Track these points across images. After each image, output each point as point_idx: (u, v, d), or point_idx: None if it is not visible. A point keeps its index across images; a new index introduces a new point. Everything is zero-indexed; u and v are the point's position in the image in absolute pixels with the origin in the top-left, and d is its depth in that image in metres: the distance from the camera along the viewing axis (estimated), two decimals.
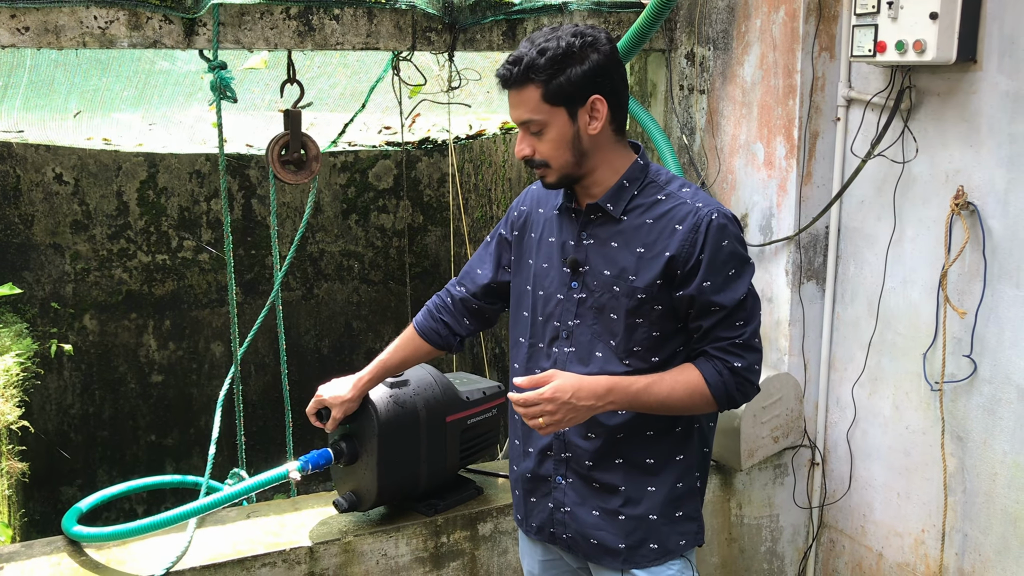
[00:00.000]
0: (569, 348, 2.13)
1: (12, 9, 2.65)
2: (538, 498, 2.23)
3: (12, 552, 2.58)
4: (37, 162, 5.82)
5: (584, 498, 2.16)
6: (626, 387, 2.02)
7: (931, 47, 2.57)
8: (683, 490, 2.17)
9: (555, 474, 2.18)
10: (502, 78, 2.02)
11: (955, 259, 2.70)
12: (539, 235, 2.24)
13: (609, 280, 2.07)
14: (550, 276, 2.17)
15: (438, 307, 2.46)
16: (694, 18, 3.43)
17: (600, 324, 2.09)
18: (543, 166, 2.06)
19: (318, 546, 2.65)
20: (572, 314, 2.12)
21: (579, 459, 2.14)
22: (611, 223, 2.10)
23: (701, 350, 2.08)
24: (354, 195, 6.63)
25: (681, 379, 2.05)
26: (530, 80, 1.98)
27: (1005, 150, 2.57)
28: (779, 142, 3.14)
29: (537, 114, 2.00)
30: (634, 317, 2.06)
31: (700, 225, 2.02)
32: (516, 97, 2.02)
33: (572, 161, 2.05)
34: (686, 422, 2.16)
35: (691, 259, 2.02)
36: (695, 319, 2.06)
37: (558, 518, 2.19)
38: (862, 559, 3.19)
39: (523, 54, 1.99)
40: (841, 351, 3.20)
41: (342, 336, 6.81)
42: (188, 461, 6.46)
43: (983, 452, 2.71)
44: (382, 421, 2.57)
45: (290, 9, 2.94)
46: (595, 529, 2.15)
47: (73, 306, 6.06)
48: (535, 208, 2.28)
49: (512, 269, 2.32)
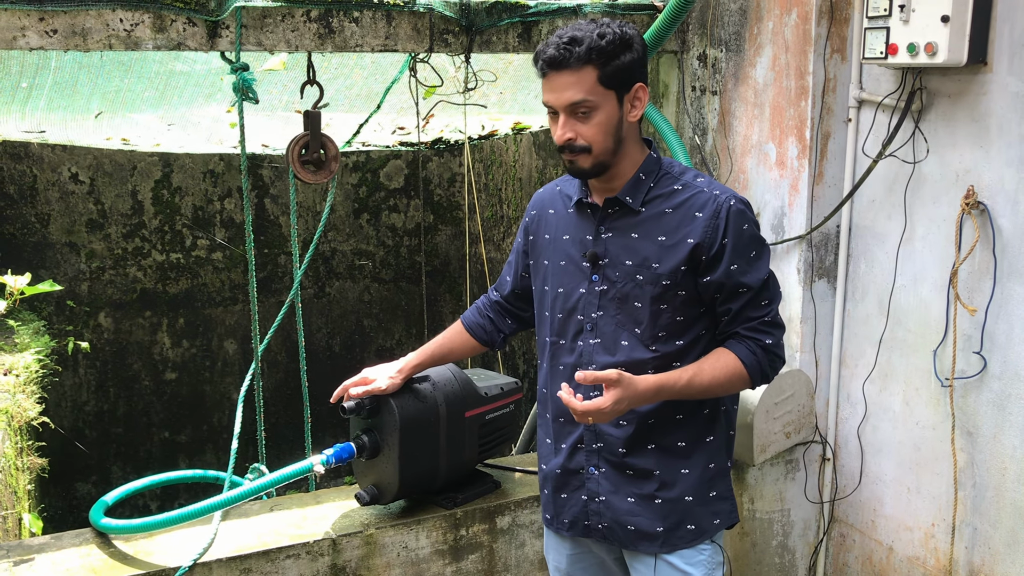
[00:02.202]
0: (594, 340, 2.18)
1: (41, 12, 2.71)
2: (569, 492, 2.28)
3: (43, 544, 2.64)
4: (53, 162, 5.88)
5: (618, 486, 2.21)
6: (672, 384, 2.08)
7: (942, 49, 2.62)
8: (715, 471, 2.24)
9: (587, 465, 2.23)
10: (554, 59, 2.03)
11: (965, 257, 2.75)
12: (552, 235, 2.29)
13: (632, 269, 2.13)
14: (569, 272, 2.23)
15: (485, 306, 2.59)
16: (706, 20, 3.47)
17: (623, 314, 2.15)
18: (583, 151, 2.09)
19: (341, 538, 2.70)
20: (595, 306, 2.18)
21: (611, 447, 2.20)
22: (630, 215, 2.16)
23: (732, 332, 2.15)
24: (365, 194, 6.69)
25: (719, 364, 2.12)
26: (590, 61, 2.02)
27: (1015, 150, 2.61)
28: (791, 142, 3.19)
29: (591, 95, 2.04)
30: (658, 304, 2.12)
31: (720, 211, 2.10)
32: (570, 78, 2.03)
33: (611, 148, 2.10)
34: (712, 404, 2.23)
35: (715, 244, 2.09)
36: (723, 302, 2.13)
37: (593, 508, 2.24)
38: (872, 553, 3.24)
39: (582, 36, 2.02)
40: (852, 348, 3.24)
41: (353, 334, 6.87)
42: (201, 457, 6.52)
43: (993, 447, 2.76)
44: (403, 416, 2.62)
45: (311, 12, 2.99)
46: (631, 515, 2.20)
47: (88, 304, 6.12)
48: (545, 210, 2.35)
49: (531, 273, 2.39)
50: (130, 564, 2.53)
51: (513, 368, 6.03)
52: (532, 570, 2.99)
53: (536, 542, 2.97)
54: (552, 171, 5.39)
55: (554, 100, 2.07)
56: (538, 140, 5.54)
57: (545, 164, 5.47)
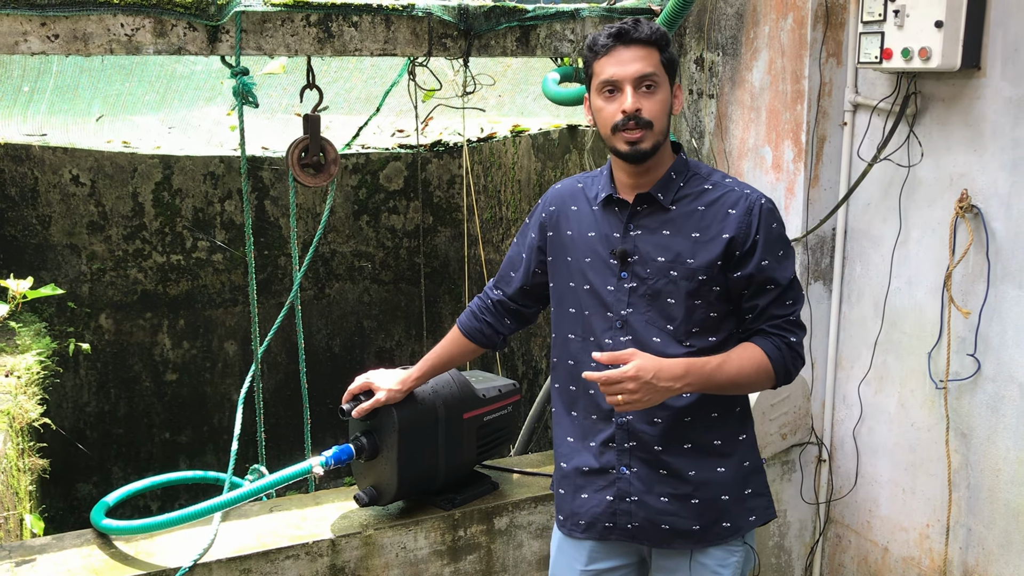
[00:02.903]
0: (625, 337, 2.18)
1: (43, 17, 2.73)
2: (591, 492, 2.26)
3: (44, 544, 2.66)
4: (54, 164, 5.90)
5: (650, 486, 2.20)
6: (700, 368, 2.08)
7: (936, 54, 2.64)
8: (750, 468, 2.26)
9: (618, 464, 2.22)
10: (623, 31, 2.10)
11: (959, 260, 2.77)
12: (576, 231, 2.28)
13: (664, 266, 2.14)
14: (596, 269, 2.23)
15: (480, 308, 2.54)
16: (703, 24, 3.50)
17: (655, 310, 2.17)
18: (646, 127, 2.11)
19: (340, 539, 2.72)
20: (624, 303, 2.19)
21: (646, 445, 2.19)
22: (660, 212, 2.18)
23: (757, 328, 2.18)
24: (365, 196, 6.71)
25: (746, 356, 2.14)
26: (655, 43, 2.11)
27: (1008, 154, 2.64)
28: (787, 146, 3.21)
29: (657, 71, 2.11)
30: (693, 299, 2.14)
31: (753, 208, 2.15)
32: (640, 51, 2.10)
33: (665, 130, 2.15)
34: (743, 403, 2.26)
35: (748, 240, 2.13)
36: (750, 298, 2.16)
37: (623, 508, 2.22)
38: (868, 553, 3.26)
39: (642, 21, 2.11)
40: (848, 350, 3.26)
41: (353, 335, 6.89)
42: (201, 458, 6.54)
43: (986, 448, 2.78)
44: (402, 418, 2.64)
45: (310, 16, 3.01)
46: (665, 515, 2.20)
47: (89, 305, 6.14)
48: (566, 206, 2.33)
49: (550, 270, 2.37)
50: (131, 565, 2.56)
51: (512, 369, 6.05)
52: (530, 570, 3.01)
53: (534, 543, 2.99)
54: (550, 173, 5.41)
55: (621, 73, 2.10)
56: (536, 142, 5.56)
57: (544, 166, 5.49)
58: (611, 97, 2.12)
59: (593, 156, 4.88)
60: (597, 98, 2.16)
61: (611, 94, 2.12)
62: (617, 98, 2.11)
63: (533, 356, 5.79)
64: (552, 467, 3.19)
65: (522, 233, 2.48)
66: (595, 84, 2.16)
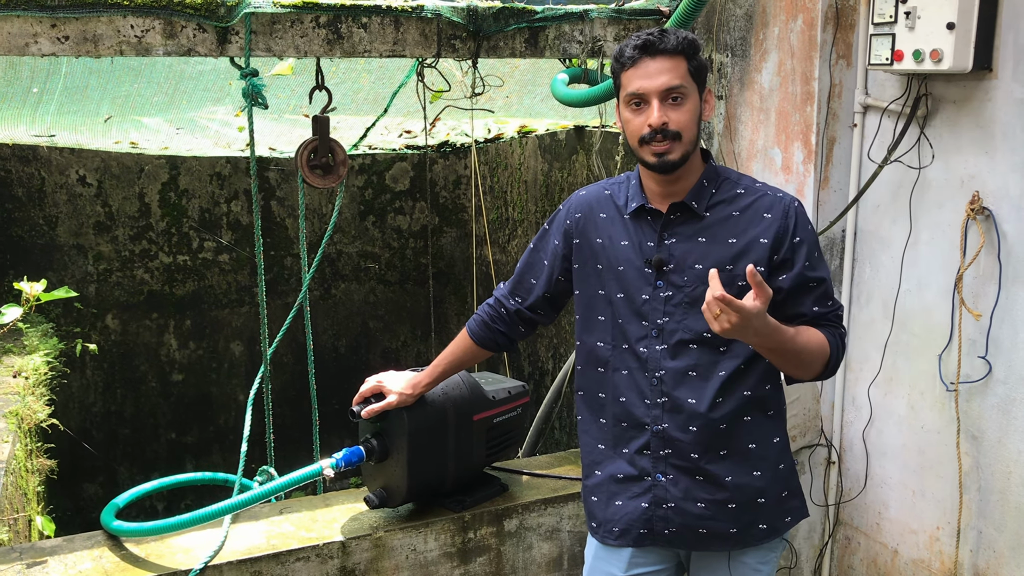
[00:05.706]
0: (661, 345, 2.18)
1: (53, 19, 2.73)
2: (625, 500, 2.26)
3: (55, 546, 2.66)
4: (61, 164, 5.90)
5: (687, 491, 2.20)
6: (784, 330, 2.04)
7: (947, 56, 2.64)
8: (785, 471, 2.27)
9: (653, 471, 2.22)
10: (649, 43, 2.09)
11: (970, 263, 2.76)
12: (607, 239, 2.27)
13: (703, 273, 2.12)
14: (629, 277, 2.22)
15: (492, 318, 2.50)
16: (712, 25, 3.49)
17: (691, 318, 2.16)
18: (674, 138, 2.10)
19: (350, 541, 2.73)
20: (660, 312, 2.18)
21: (682, 452, 2.19)
22: (694, 220, 2.18)
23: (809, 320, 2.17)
24: (371, 197, 6.71)
25: (812, 334, 2.14)
26: (682, 52, 2.09)
27: (1019, 156, 2.63)
28: (797, 147, 3.21)
29: (685, 82, 2.10)
30: None
31: (788, 211, 2.16)
32: (666, 62, 2.09)
33: (695, 140, 2.14)
34: (776, 406, 2.26)
35: (786, 241, 2.14)
36: (795, 295, 2.16)
37: (659, 515, 2.22)
38: (877, 556, 3.26)
39: (669, 31, 2.10)
40: (857, 352, 3.26)
41: (359, 335, 6.89)
42: (208, 459, 6.55)
43: (997, 451, 2.78)
44: (413, 420, 2.64)
45: (320, 18, 3.02)
46: (703, 520, 2.20)
47: (96, 306, 6.15)
48: (594, 214, 2.31)
49: (575, 277, 2.35)
50: (142, 567, 2.56)
51: (518, 370, 6.05)
52: (540, 572, 3.01)
53: (544, 545, 2.99)
54: (557, 174, 5.40)
55: (647, 85, 2.09)
56: (544, 143, 5.55)
57: (550, 167, 5.49)
58: (638, 110, 2.12)
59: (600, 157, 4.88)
60: (625, 110, 2.15)
61: (638, 107, 2.12)
62: (644, 111, 2.10)
63: (540, 357, 5.78)
64: (562, 469, 3.20)
65: (541, 239, 2.44)
66: (622, 96, 2.15)
